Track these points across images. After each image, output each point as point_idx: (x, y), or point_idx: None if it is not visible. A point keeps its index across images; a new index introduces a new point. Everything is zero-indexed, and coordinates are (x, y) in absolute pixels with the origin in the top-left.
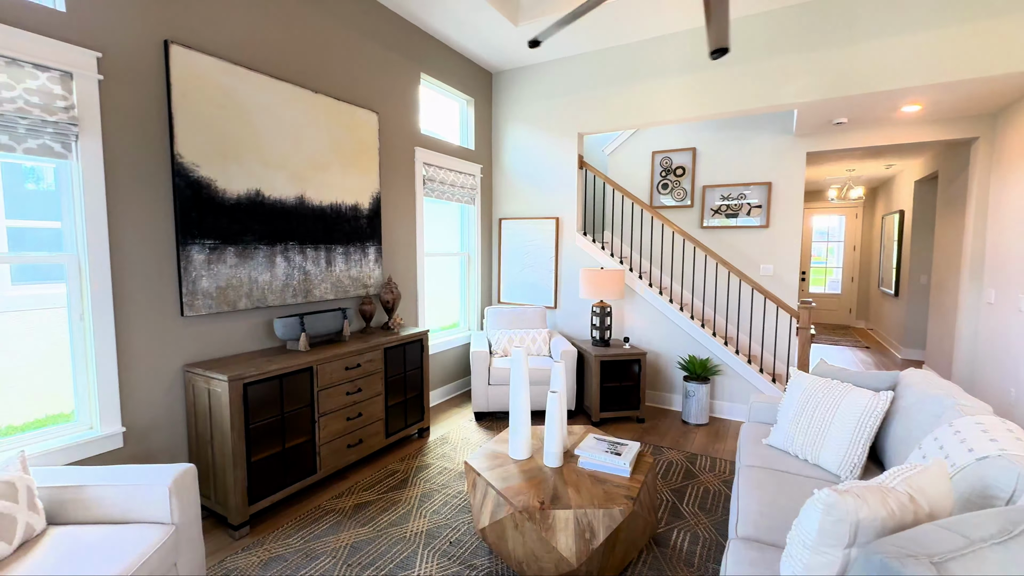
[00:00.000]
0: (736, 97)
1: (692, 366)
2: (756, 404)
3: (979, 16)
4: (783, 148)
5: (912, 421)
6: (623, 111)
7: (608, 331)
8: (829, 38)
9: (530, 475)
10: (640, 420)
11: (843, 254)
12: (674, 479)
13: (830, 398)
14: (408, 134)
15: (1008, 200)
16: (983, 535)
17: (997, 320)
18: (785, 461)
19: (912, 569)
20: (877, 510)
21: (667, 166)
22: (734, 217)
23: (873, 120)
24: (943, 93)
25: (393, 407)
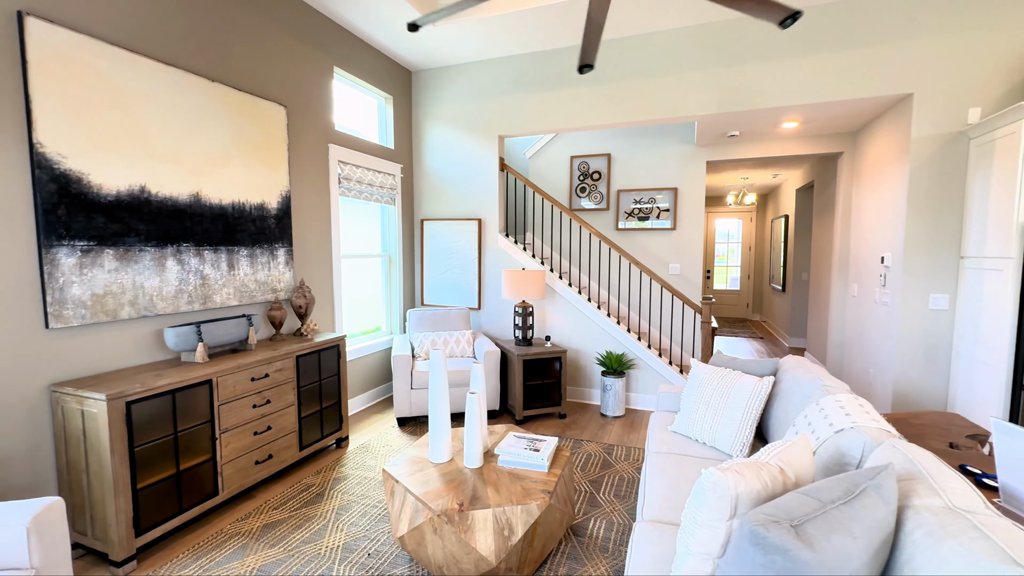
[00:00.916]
0: (646, 107)
1: (609, 361)
2: (664, 394)
3: (843, 47)
4: (687, 156)
5: (789, 402)
6: (542, 116)
7: (530, 330)
8: (724, 58)
9: (450, 478)
10: (562, 416)
11: (741, 254)
12: (592, 470)
13: (723, 385)
14: (321, 130)
15: (864, 206)
16: (832, 497)
17: (859, 311)
18: (687, 445)
19: (775, 533)
20: (753, 484)
21: (585, 170)
22: (645, 220)
23: (760, 134)
24: (815, 112)
25: (307, 418)
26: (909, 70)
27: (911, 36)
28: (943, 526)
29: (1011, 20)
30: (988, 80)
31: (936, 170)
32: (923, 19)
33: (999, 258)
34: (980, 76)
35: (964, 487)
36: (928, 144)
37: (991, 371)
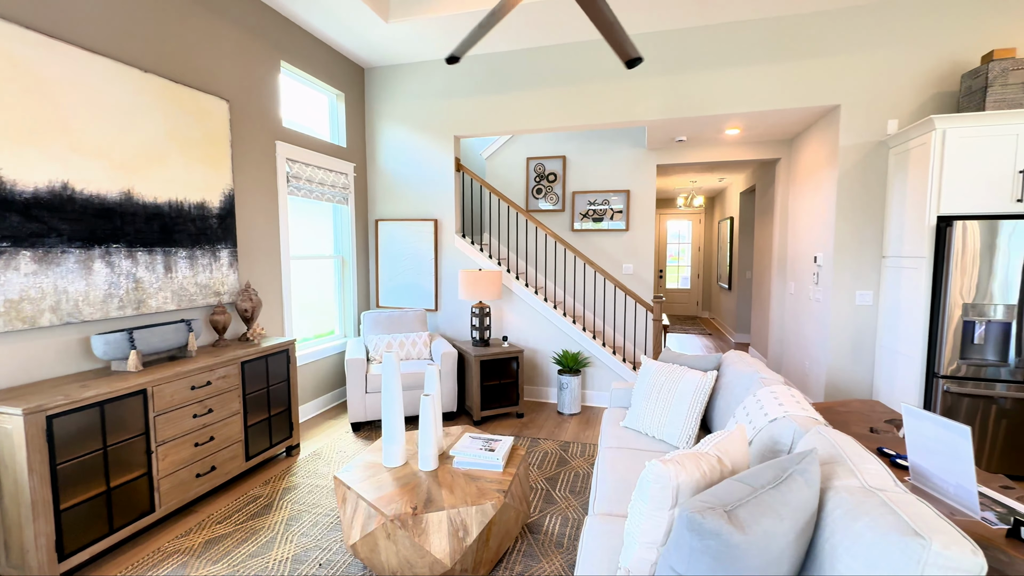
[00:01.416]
0: (598, 111)
1: (565, 360)
2: (616, 390)
3: (780, 60)
4: (638, 160)
5: (730, 394)
6: (498, 117)
7: (488, 331)
8: (671, 66)
9: (404, 482)
10: (520, 415)
11: (691, 254)
12: (549, 468)
13: (670, 381)
14: (268, 127)
15: (799, 209)
16: (763, 483)
17: (796, 307)
18: (638, 440)
19: (710, 519)
20: (692, 473)
21: (541, 172)
22: (600, 221)
23: (706, 139)
24: (755, 120)
25: (255, 426)
26: (837, 83)
27: (839, 52)
28: (858, 504)
29: (924, 41)
30: (904, 94)
31: (861, 176)
32: (849, 37)
33: (914, 257)
34: (898, 91)
35: (878, 468)
36: (854, 152)
37: (909, 361)
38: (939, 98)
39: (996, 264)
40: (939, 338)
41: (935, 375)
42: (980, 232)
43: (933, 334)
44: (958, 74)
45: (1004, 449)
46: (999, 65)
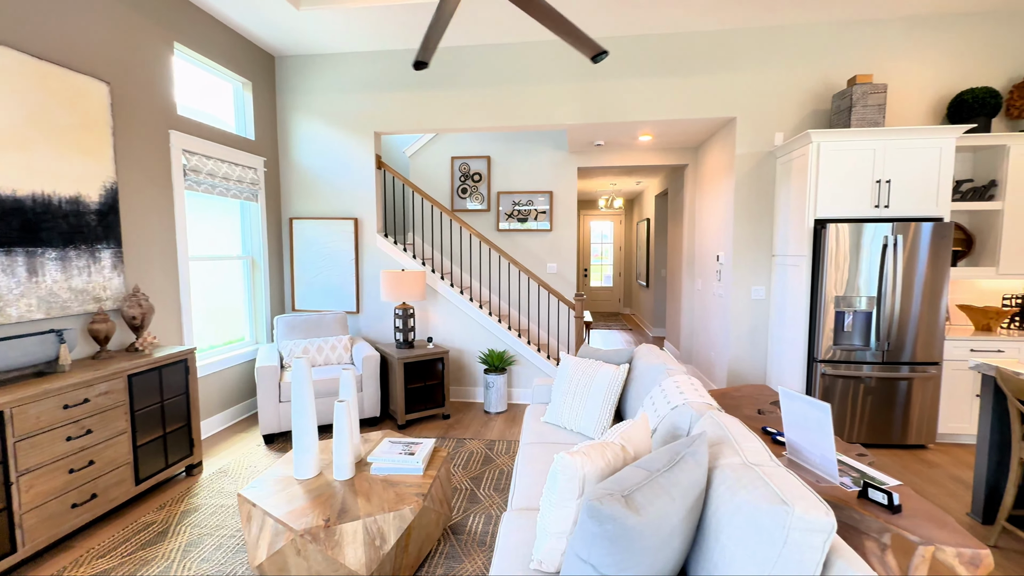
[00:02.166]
0: (520, 113)
1: (491, 359)
2: (538, 387)
3: (685, 74)
4: (560, 162)
5: (641, 385)
6: (420, 115)
7: (412, 332)
8: (589, 73)
9: (317, 493)
10: (446, 416)
11: (613, 254)
12: (474, 467)
13: (587, 375)
14: (160, 114)
15: (704, 212)
16: (659, 466)
17: (703, 302)
18: (557, 434)
19: (607, 504)
20: (597, 462)
21: (466, 172)
22: (525, 221)
23: (622, 144)
24: (664, 128)
25: (147, 446)
26: (733, 98)
27: (734, 70)
28: (738, 479)
29: (803, 63)
30: (788, 110)
31: (754, 183)
32: (743, 57)
33: (797, 256)
34: (783, 106)
35: (757, 446)
36: (748, 160)
37: (793, 348)
38: (816, 115)
39: (861, 261)
40: (817, 327)
41: (814, 360)
42: (849, 233)
43: (812, 324)
44: (830, 94)
45: (870, 421)
46: (860, 88)
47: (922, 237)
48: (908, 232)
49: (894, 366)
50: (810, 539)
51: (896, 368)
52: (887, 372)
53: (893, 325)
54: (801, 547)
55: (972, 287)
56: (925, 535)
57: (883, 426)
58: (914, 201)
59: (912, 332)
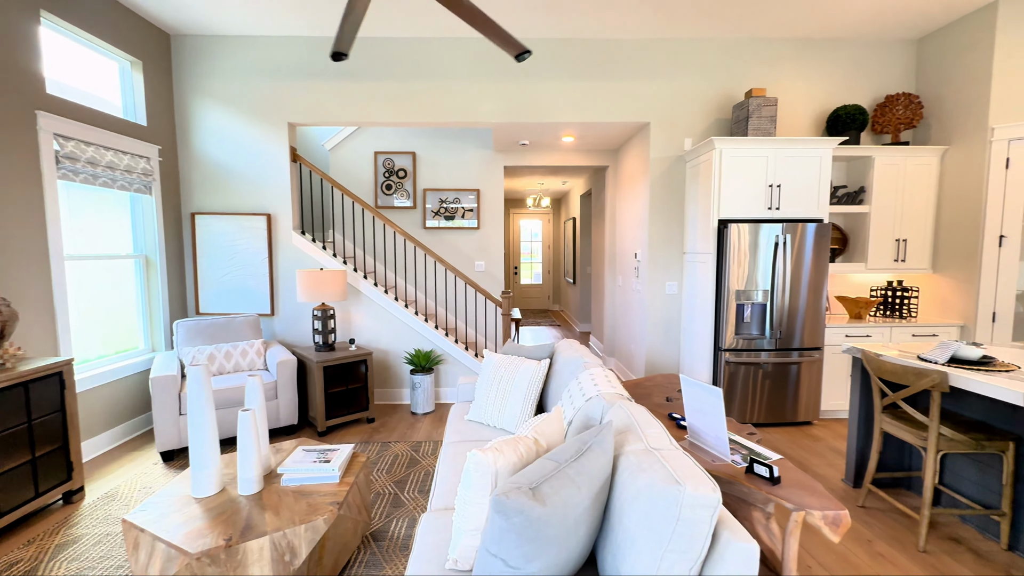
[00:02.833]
0: (444, 109)
1: (417, 359)
2: (463, 385)
3: (603, 79)
4: (487, 160)
5: (561, 379)
6: (339, 106)
7: (332, 334)
8: (512, 73)
9: (219, 511)
10: (370, 420)
11: (542, 252)
12: (399, 470)
13: (509, 372)
14: (23, 93)
15: (623, 212)
16: (567, 457)
17: (624, 297)
18: (480, 431)
19: (514, 498)
20: (510, 457)
21: (390, 167)
22: (452, 219)
23: (546, 145)
24: (586, 130)
25: (9, 473)
26: (647, 104)
27: (649, 77)
28: (639, 464)
29: (708, 74)
30: (696, 117)
31: (667, 185)
32: (656, 66)
33: (704, 253)
34: (691, 113)
35: (659, 432)
36: (661, 164)
37: (702, 338)
38: (719, 123)
39: (758, 258)
40: (722, 319)
41: (719, 349)
42: (747, 233)
43: (718, 316)
44: (731, 104)
45: (767, 402)
46: (755, 101)
47: (807, 237)
48: (796, 232)
49: (785, 352)
50: (699, 514)
51: (788, 354)
52: (780, 358)
53: (784, 315)
54: (692, 522)
55: (846, 280)
56: (798, 502)
57: (778, 406)
58: (800, 204)
59: (799, 321)
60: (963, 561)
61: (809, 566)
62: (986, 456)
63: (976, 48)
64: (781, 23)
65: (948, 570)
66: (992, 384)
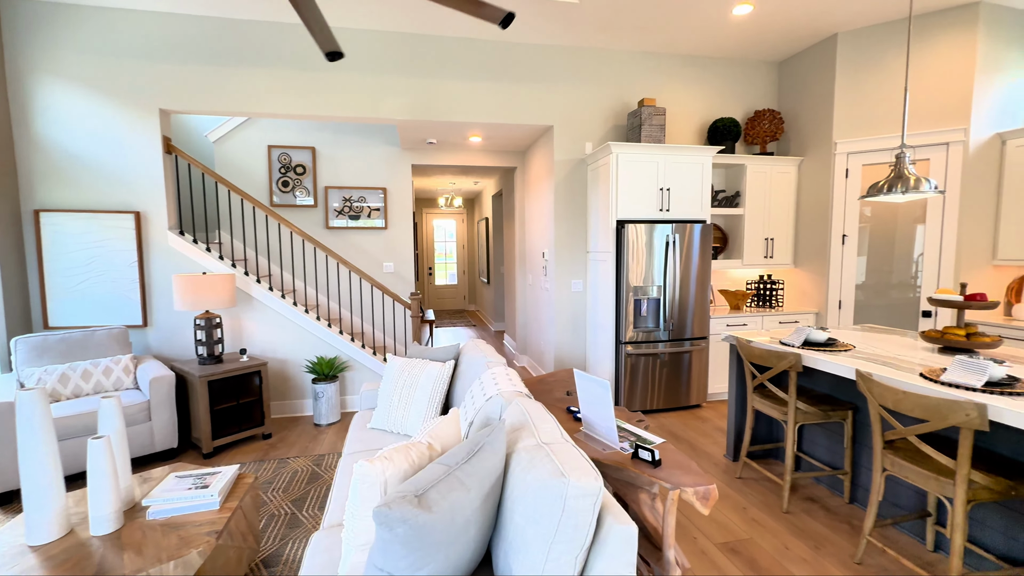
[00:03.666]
0: (344, 104)
1: (320, 367)
2: (366, 392)
3: (509, 81)
4: (393, 158)
5: (466, 380)
6: (223, 94)
7: (219, 345)
8: (418, 69)
9: (63, 558)
10: (267, 436)
11: (457, 252)
12: (297, 488)
13: (412, 375)
14: None
15: (531, 212)
16: (458, 460)
17: (534, 296)
18: (383, 439)
19: (396, 508)
20: (401, 465)
21: (286, 163)
22: (357, 218)
23: (454, 144)
24: (492, 131)
25: None
26: (550, 107)
27: (552, 82)
28: (530, 459)
29: (605, 82)
30: (595, 122)
31: (570, 186)
32: (558, 71)
33: (605, 252)
34: (591, 119)
35: (552, 427)
36: (564, 166)
37: (605, 333)
38: (616, 129)
39: (653, 256)
40: (622, 313)
41: (620, 342)
42: (643, 233)
43: (618, 311)
44: (626, 112)
45: (665, 389)
46: (647, 110)
47: (694, 236)
48: (684, 232)
49: (678, 342)
50: (582, 503)
51: (680, 344)
52: (674, 348)
53: (675, 308)
54: (576, 512)
55: (727, 276)
56: (675, 481)
57: (674, 392)
58: (686, 206)
59: (689, 314)
60: (817, 517)
61: (695, 537)
62: (832, 424)
63: (821, 74)
64: (667, 40)
65: (805, 526)
66: (833, 362)
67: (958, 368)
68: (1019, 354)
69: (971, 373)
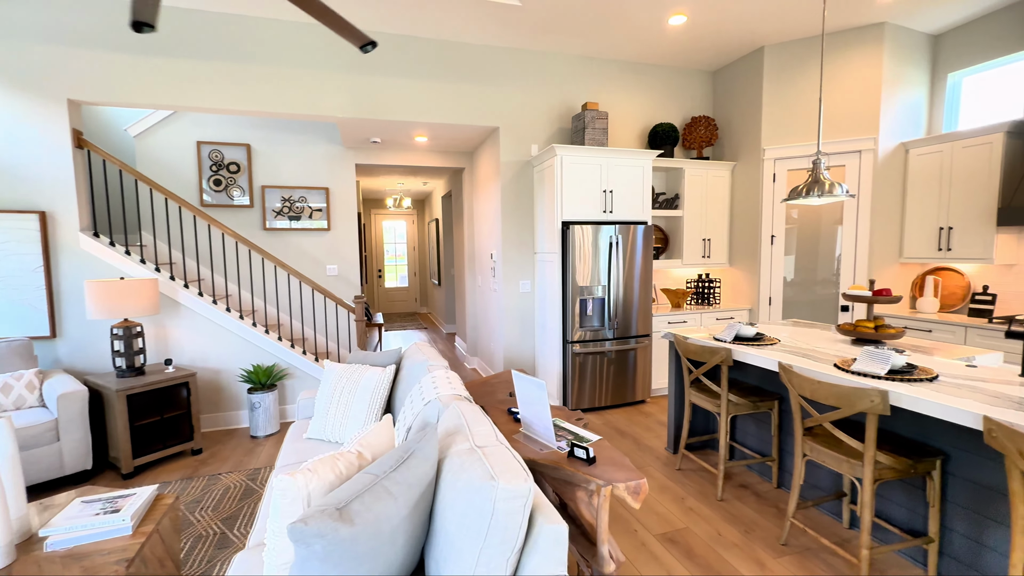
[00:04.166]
0: (284, 99)
1: (256, 376)
2: (303, 401)
3: (455, 81)
4: (336, 157)
5: (407, 385)
6: (143, 85)
7: (141, 356)
8: (360, 66)
9: None
10: (196, 452)
11: (407, 253)
12: (229, 505)
13: (351, 382)
14: None
15: (480, 213)
16: (387, 468)
17: (484, 297)
18: (319, 449)
19: (315, 523)
20: (326, 477)
21: (218, 160)
22: (298, 219)
23: (400, 144)
24: (439, 131)
25: None
26: (496, 109)
27: (497, 83)
28: (462, 464)
29: (550, 85)
30: (541, 125)
31: (517, 188)
32: (504, 72)
33: (552, 253)
34: (536, 121)
35: (487, 429)
36: (511, 168)
37: (552, 333)
38: (561, 131)
39: (598, 257)
40: (568, 313)
41: (568, 341)
42: (588, 234)
43: (565, 311)
44: (571, 115)
45: (612, 387)
46: (590, 114)
47: (636, 237)
48: (627, 233)
49: (623, 340)
50: (512, 505)
51: (625, 342)
52: (619, 346)
53: (620, 308)
54: (506, 514)
55: (668, 275)
56: (607, 477)
57: (620, 389)
58: (629, 208)
59: (633, 312)
60: (748, 502)
61: (635, 530)
62: (761, 414)
63: (751, 84)
64: (609, 46)
65: (737, 512)
66: (760, 356)
67: (865, 358)
68: (921, 343)
69: (876, 362)
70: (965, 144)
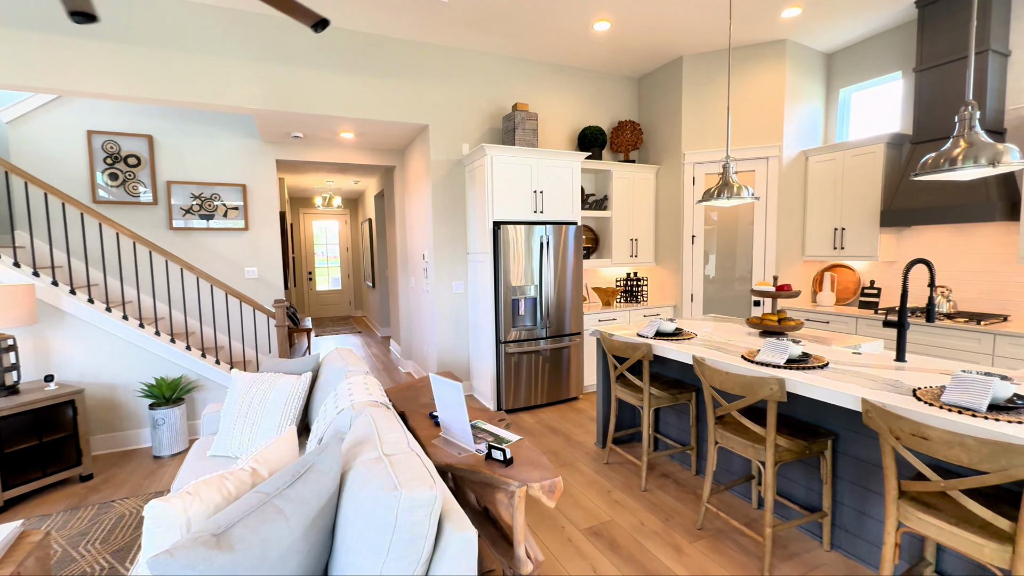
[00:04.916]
0: (188, 87)
1: (159, 390)
2: (208, 415)
3: (381, 76)
4: (254, 152)
5: (324, 393)
6: (18, 64)
7: (14, 372)
8: (274, 55)
9: None
10: (86, 477)
11: (340, 255)
12: (122, 536)
13: (261, 393)
14: None
15: (411, 213)
16: (280, 485)
17: (417, 298)
18: (223, 468)
19: (183, 553)
20: (211, 499)
21: (114, 152)
22: (210, 218)
23: (325, 140)
24: (366, 127)
25: None
26: (425, 106)
27: (427, 80)
28: (368, 474)
29: (483, 85)
30: (472, 124)
31: (448, 187)
32: (434, 69)
33: (484, 253)
34: (467, 120)
35: (397, 437)
36: (441, 167)
37: (486, 333)
38: (492, 131)
39: (531, 257)
40: (501, 313)
41: (501, 341)
42: (519, 233)
43: (498, 311)
44: (502, 115)
45: (547, 385)
46: (520, 114)
47: (567, 237)
48: (559, 233)
49: (556, 339)
50: (416, 516)
51: (559, 340)
52: (552, 344)
53: (552, 307)
54: (410, 525)
55: (598, 274)
56: (523, 478)
57: (554, 388)
58: (559, 209)
59: (566, 311)
60: (669, 491)
61: (563, 526)
62: (680, 405)
63: (672, 91)
64: (537, 47)
65: (659, 501)
66: (677, 350)
67: (767, 349)
68: (819, 334)
69: (776, 353)
70: (854, 153)
